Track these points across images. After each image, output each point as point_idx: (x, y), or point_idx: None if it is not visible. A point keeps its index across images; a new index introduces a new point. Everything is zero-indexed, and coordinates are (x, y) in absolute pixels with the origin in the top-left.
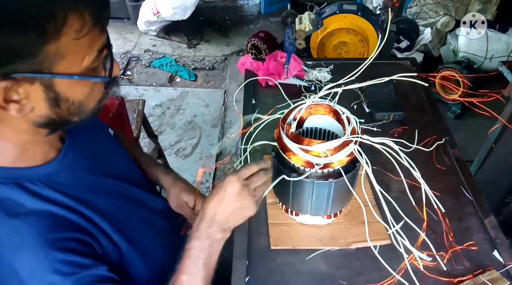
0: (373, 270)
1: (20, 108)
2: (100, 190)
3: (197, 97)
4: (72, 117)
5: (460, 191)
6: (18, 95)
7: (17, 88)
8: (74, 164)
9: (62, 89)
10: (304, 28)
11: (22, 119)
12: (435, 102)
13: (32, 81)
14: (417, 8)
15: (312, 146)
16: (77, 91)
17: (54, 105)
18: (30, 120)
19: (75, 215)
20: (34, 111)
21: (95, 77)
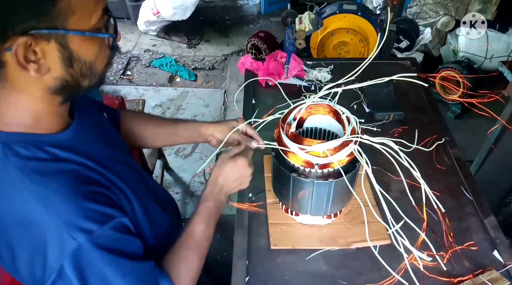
0: (373, 270)
1: (38, 68)
2: (111, 158)
3: (197, 97)
4: (84, 80)
5: (460, 191)
6: (36, 55)
7: (35, 47)
8: (86, 134)
9: (75, 47)
10: (304, 28)
11: (38, 85)
12: (435, 102)
13: (48, 38)
14: (417, 8)
15: (312, 146)
16: (88, 50)
17: (68, 65)
18: (46, 86)
19: (96, 174)
20: (50, 72)
21: (104, 33)
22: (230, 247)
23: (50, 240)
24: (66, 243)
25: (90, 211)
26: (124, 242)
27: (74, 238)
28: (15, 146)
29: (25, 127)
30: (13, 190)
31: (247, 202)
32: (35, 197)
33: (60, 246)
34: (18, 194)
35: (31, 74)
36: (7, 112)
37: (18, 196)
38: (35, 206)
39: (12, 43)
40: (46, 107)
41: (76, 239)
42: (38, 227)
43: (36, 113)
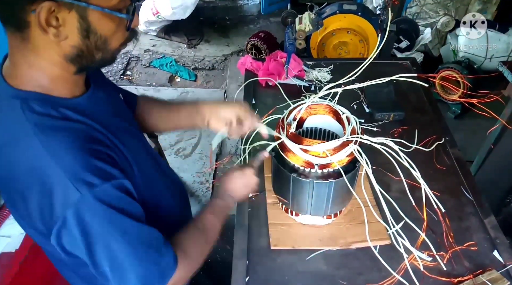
0: (373, 270)
1: (57, 33)
2: (121, 129)
3: (197, 97)
4: (97, 53)
5: (460, 191)
6: (57, 22)
7: (57, 14)
8: (98, 105)
9: (94, 21)
10: (304, 28)
11: (56, 50)
12: (435, 102)
13: (70, 8)
14: (417, 8)
15: (312, 146)
16: (105, 26)
17: (85, 36)
18: (63, 52)
19: (103, 136)
20: (68, 40)
21: (121, 13)
22: (230, 247)
23: (56, 188)
24: (70, 193)
25: (94, 166)
26: (125, 202)
27: (77, 189)
28: (32, 103)
29: (42, 88)
30: (26, 140)
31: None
32: (45, 147)
33: (64, 195)
34: (30, 143)
35: (50, 38)
36: (27, 72)
37: (29, 145)
38: (43, 155)
39: (37, 6)
40: (62, 73)
41: (80, 190)
42: (45, 175)
43: (53, 76)
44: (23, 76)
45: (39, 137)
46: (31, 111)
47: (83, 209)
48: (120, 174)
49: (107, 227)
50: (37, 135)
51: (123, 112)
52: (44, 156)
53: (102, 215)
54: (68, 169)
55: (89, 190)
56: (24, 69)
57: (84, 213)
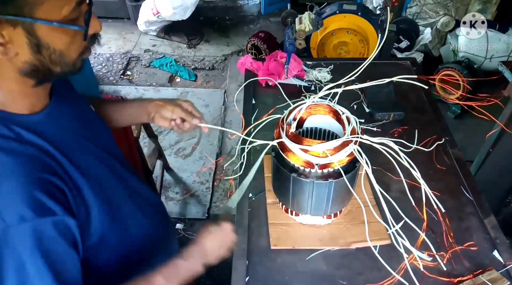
0: (373, 270)
1: (5, 51)
2: (82, 150)
3: (197, 97)
4: (54, 66)
5: (460, 191)
6: (3, 38)
7: (2, 31)
8: (60, 121)
9: (43, 35)
10: (304, 28)
11: (8, 66)
12: (435, 102)
13: (15, 24)
14: (417, 8)
15: (312, 146)
16: (57, 39)
17: (36, 51)
18: (16, 68)
19: (55, 163)
20: (18, 56)
21: (73, 25)
22: None
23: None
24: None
25: (33, 198)
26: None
27: (3, 219)
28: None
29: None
30: None
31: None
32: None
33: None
34: None
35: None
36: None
37: None
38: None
39: None
40: (19, 88)
41: (5, 220)
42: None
43: (9, 91)
44: None
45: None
46: None
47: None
48: (62, 211)
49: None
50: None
51: (93, 130)
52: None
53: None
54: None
55: (18, 222)
56: None
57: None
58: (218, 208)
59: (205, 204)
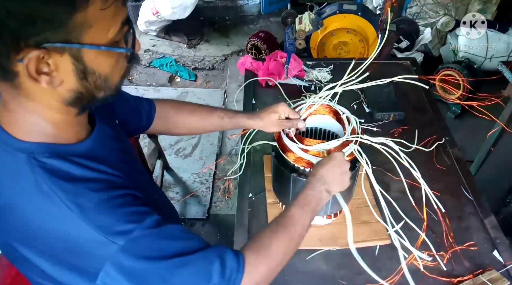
0: (373, 270)
1: (50, 80)
2: (128, 165)
3: (197, 97)
4: (98, 92)
5: (460, 191)
6: (49, 67)
7: (48, 59)
8: (105, 143)
9: (90, 61)
10: (304, 28)
11: (52, 96)
12: (435, 102)
13: (62, 51)
14: (417, 8)
15: (312, 146)
16: (104, 63)
17: (82, 78)
18: (60, 97)
19: (120, 179)
20: (63, 84)
21: (120, 48)
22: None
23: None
24: (106, 247)
25: (125, 213)
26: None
27: (114, 242)
28: (39, 156)
29: (46, 136)
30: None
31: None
32: (68, 206)
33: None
34: (49, 204)
35: (42, 85)
36: (26, 120)
37: (49, 206)
38: (69, 215)
39: (24, 55)
40: (64, 118)
41: (116, 242)
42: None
43: (55, 122)
44: (24, 124)
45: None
46: (42, 168)
47: (123, 258)
48: (148, 209)
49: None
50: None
51: (124, 142)
52: (68, 215)
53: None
54: (98, 224)
55: (126, 238)
56: (22, 115)
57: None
58: (218, 208)
59: (205, 204)
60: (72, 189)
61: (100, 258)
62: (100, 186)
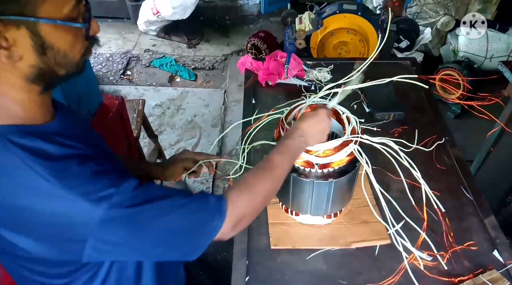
0: (373, 270)
1: (10, 54)
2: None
3: (197, 97)
4: (59, 69)
5: (460, 191)
6: (7, 42)
7: (5, 33)
8: (72, 125)
9: (47, 35)
10: (304, 28)
11: (14, 72)
12: (435, 102)
13: (18, 25)
14: (417, 8)
15: (312, 146)
16: (61, 39)
17: (41, 53)
18: (22, 74)
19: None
20: (23, 60)
21: (76, 23)
22: (230, 247)
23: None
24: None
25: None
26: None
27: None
28: (12, 137)
29: (15, 118)
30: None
31: None
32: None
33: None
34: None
35: (2, 60)
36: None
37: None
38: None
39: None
40: (28, 96)
41: (100, 206)
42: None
43: (21, 102)
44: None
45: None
46: (19, 148)
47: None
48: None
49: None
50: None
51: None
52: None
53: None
54: (81, 192)
55: (109, 202)
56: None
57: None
58: None
59: None
60: (49, 164)
61: (87, 224)
62: (76, 159)
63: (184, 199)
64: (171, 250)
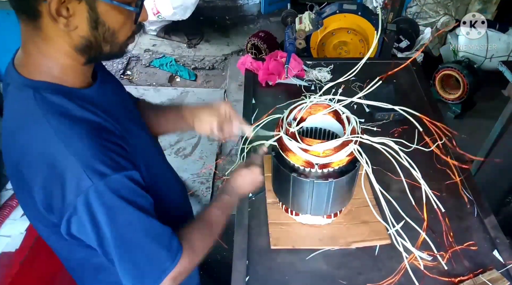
0: (373, 270)
1: (67, 23)
2: (130, 120)
3: (197, 97)
4: (105, 45)
5: (460, 191)
6: (67, 12)
7: (68, 4)
8: (108, 96)
9: (102, 13)
10: (304, 27)
11: (66, 39)
12: (435, 102)
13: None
14: (417, 8)
15: (312, 146)
16: (114, 18)
17: (94, 27)
18: (73, 42)
19: (115, 128)
20: (77, 30)
21: (129, 6)
22: (230, 247)
23: (68, 175)
24: (81, 180)
25: (107, 156)
26: (135, 194)
27: (89, 177)
28: (44, 92)
29: (54, 78)
30: (37, 126)
31: (247, 202)
32: (59, 136)
33: (77, 184)
34: (41, 129)
35: (60, 27)
36: (39, 61)
37: (41, 131)
38: (58, 144)
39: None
40: (72, 63)
41: (91, 178)
42: (56, 161)
43: (64, 66)
44: (35, 65)
45: (53, 127)
46: (43, 101)
47: (94, 197)
48: (131, 166)
49: (116, 216)
50: (51, 125)
51: (129, 104)
52: (56, 142)
53: (112, 205)
54: (80, 157)
55: (101, 179)
56: (36, 58)
57: (95, 201)
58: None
59: (205, 204)
60: (66, 122)
61: (73, 192)
62: (93, 126)
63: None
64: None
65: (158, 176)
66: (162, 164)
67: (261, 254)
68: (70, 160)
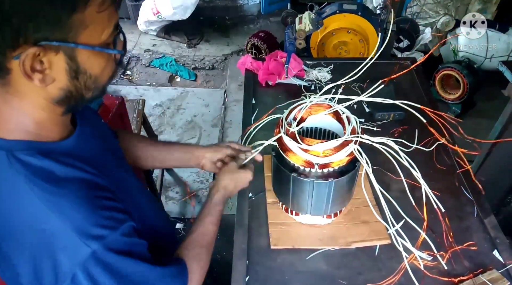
0: (373, 270)
1: (43, 78)
2: (112, 165)
3: (197, 97)
4: (87, 92)
5: (460, 191)
6: (42, 65)
7: (43, 57)
8: (88, 142)
9: (83, 61)
10: (304, 28)
11: (42, 93)
12: (435, 102)
13: (57, 50)
14: (417, 8)
15: (312, 146)
16: (95, 64)
17: (74, 77)
18: (49, 95)
19: (101, 180)
20: (55, 83)
21: (113, 49)
22: (230, 247)
23: (62, 247)
24: (79, 249)
25: (102, 217)
26: (133, 245)
27: (87, 244)
28: (19, 154)
29: (28, 134)
30: (22, 199)
31: (247, 202)
32: (46, 205)
33: (73, 252)
34: (27, 201)
35: (35, 83)
36: (10, 117)
37: (27, 204)
38: (46, 214)
39: (21, 51)
40: (48, 116)
41: (90, 245)
42: (48, 233)
43: (39, 120)
44: (6, 122)
45: (38, 196)
46: (21, 164)
47: (94, 263)
48: (126, 216)
49: (119, 273)
50: (35, 193)
51: (112, 144)
52: (47, 215)
53: (113, 264)
54: (73, 223)
55: (99, 243)
56: (6, 114)
57: (95, 267)
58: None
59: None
60: (49, 187)
61: (70, 262)
62: (80, 185)
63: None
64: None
65: (146, 211)
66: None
67: (261, 254)
68: (63, 228)
